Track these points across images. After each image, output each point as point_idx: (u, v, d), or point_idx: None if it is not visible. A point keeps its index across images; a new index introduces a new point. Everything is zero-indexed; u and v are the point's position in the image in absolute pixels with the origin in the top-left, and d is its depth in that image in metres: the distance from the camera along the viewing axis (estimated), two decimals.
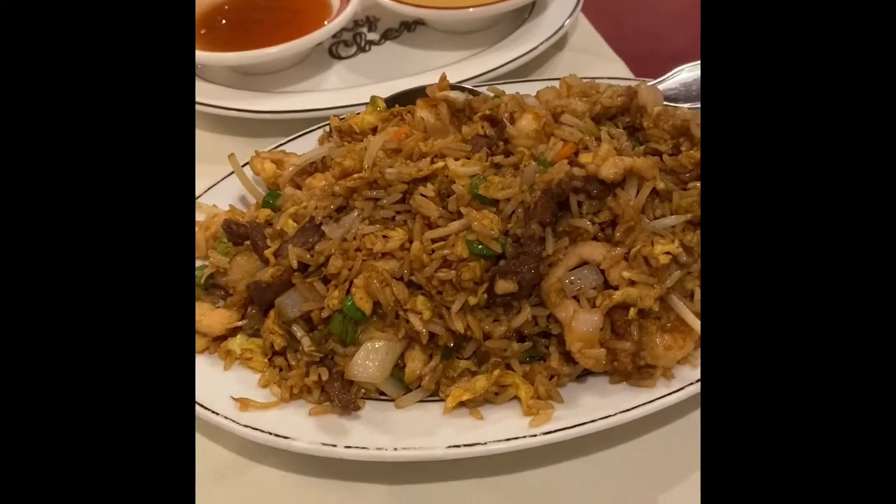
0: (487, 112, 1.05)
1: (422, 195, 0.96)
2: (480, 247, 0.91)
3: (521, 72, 1.50)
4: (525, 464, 0.92)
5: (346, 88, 1.50)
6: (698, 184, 0.99)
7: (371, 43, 1.63)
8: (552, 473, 0.92)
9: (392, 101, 1.22)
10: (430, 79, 1.18)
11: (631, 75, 1.45)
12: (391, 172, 0.97)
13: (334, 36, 1.60)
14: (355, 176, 0.99)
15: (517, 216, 0.93)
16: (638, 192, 0.94)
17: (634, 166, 0.93)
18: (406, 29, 1.66)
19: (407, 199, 0.97)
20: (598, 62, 1.54)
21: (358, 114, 1.18)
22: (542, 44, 1.49)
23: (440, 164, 0.98)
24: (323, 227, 0.98)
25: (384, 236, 0.95)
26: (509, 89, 1.16)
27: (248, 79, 1.55)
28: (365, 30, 1.66)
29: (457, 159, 0.99)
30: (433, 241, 0.93)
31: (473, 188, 0.94)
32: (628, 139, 1.03)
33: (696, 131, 1.03)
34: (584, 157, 0.95)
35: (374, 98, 1.21)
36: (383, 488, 0.93)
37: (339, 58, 1.61)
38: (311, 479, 0.94)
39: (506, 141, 1.03)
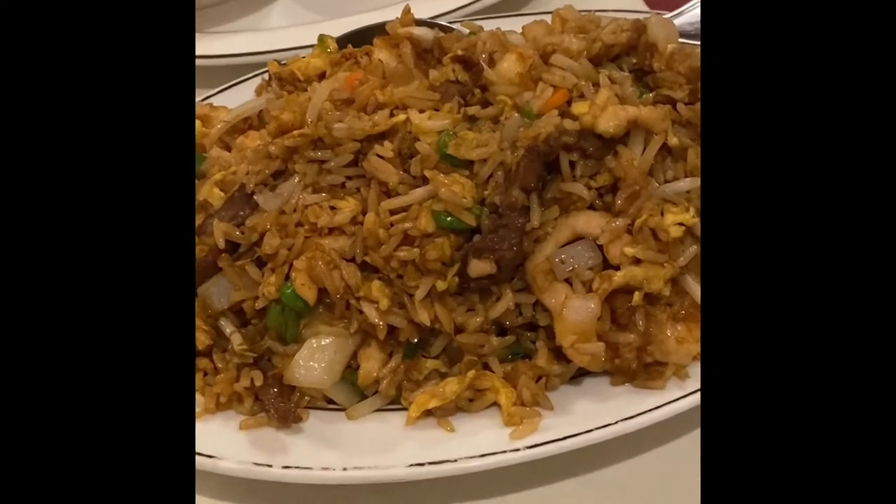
0: (460, 52, 1.01)
1: (378, 156, 0.93)
2: (450, 219, 0.89)
3: (510, 6, 1.44)
4: (506, 485, 0.90)
5: (291, 27, 1.45)
6: None
7: None
8: (538, 497, 0.89)
9: (345, 40, 1.19)
10: (392, 14, 1.13)
11: (644, 7, 1.40)
12: (340, 128, 0.94)
13: None
14: (296, 133, 0.96)
15: (495, 181, 0.91)
16: (645, 149, 0.92)
17: (640, 117, 0.90)
18: None
19: (360, 162, 0.95)
20: None
21: (303, 57, 1.14)
22: None
23: (401, 117, 0.95)
24: (256, 197, 0.96)
25: (331, 207, 0.93)
26: (490, 26, 1.09)
27: None
28: None
29: (422, 111, 0.96)
30: (392, 212, 0.92)
31: (442, 146, 0.92)
32: (634, 84, 0.99)
33: None
34: (579, 107, 0.92)
35: (322, 37, 1.17)
36: None
37: None
38: None
39: (483, 88, 1.00)
